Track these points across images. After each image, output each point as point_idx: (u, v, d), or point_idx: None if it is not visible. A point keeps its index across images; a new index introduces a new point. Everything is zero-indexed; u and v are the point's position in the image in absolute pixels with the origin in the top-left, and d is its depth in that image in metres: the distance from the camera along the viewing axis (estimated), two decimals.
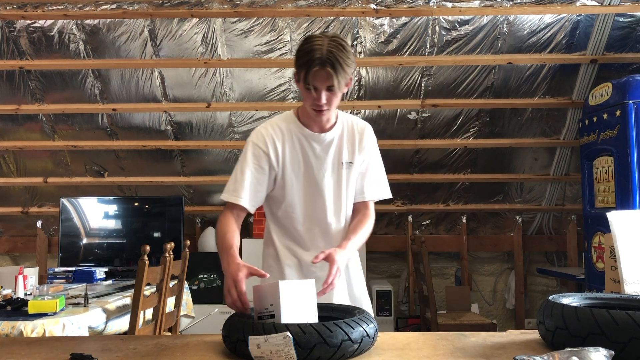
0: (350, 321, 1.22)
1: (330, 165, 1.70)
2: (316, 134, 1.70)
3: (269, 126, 1.72)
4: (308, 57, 1.53)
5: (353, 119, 1.78)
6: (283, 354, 1.12)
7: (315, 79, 1.54)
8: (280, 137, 1.69)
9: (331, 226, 1.71)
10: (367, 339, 1.23)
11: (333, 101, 1.60)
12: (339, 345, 1.17)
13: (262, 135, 1.69)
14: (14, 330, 2.15)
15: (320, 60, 1.51)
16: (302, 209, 1.70)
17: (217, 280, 4.16)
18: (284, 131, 1.70)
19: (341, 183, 1.71)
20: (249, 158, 1.67)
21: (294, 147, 1.69)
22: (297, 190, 1.69)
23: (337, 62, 1.52)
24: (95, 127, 4.26)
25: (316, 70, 1.52)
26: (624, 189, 3.31)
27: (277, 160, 1.68)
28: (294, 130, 1.70)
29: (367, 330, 1.24)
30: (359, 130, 1.75)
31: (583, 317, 1.18)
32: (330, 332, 1.17)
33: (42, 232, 4.67)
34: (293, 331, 1.14)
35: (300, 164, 1.69)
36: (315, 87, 1.56)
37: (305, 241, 1.71)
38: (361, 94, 4.07)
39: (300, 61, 1.56)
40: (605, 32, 3.70)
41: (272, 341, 1.12)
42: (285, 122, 1.72)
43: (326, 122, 1.69)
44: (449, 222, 4.65)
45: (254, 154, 1.67)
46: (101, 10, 3.67)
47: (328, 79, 1.53)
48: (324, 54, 1.51)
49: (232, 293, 1.38)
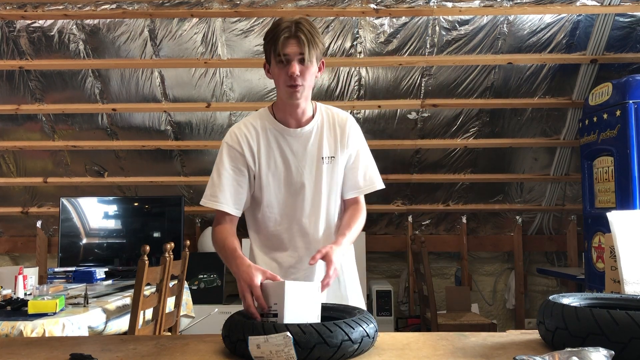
0: (350, 321, 1.22)
1: (309, 161, 1.64)
2: (292, 129, 1.64)
3: (242, 125, 1.67)
4: (276, 30, 1.52)
5: (333, 110, 1.71)
6: (283, 354, 1.12)
7: (285, 46, 1.51)
8: (255, 136, 1.64)
9: (309, 224, 1.65)
10: (367, 339, 1.23)
11: (306, 76, 1.54)
12: (339, 345, 1.17)
13: (235, 135, 1.65)
14: (14, 330, 2.15)
15: (289, 29, 1.51)
16: (280, 208, 1.65)
17: (217, 280, 4.16)
18: (258, 129, 1.65)
19: (321, 179, 1.64)
20: (225, 160, 1.63)
21: (270, 145, 1.63)
22: (274, 189, 1.64)
23: (307, 31, 1.51)
24: (95, 127, 4.26)
25: (286, 37, 1.50)
26: (624, 189, 3.31)
27: (253, 160, 1.63)
28: (268, 127, 1.65)
29: (367, 330, 1.23)
30: (341, 123, 1.68)
31: (583, 317, 1.18)
32: (330, 332, 1.17)
33: (42, 232, 4.67)
34: (293, 331, 1.14)
35: (277, 162, 1.63)
36: (286, 56, 1.51)
37: (284, 241, 1.66)
38: (361, 94, 4.07)
39: (268, 37, 1.55)
40: (605, 32, 3.70)
41: (272, 341, 1.12)
42: (260, 120, 1.66)
43: (302, 114, 1.63)
44: (449, 222, 4.65)
45: (229, 155, 1.64)
46: (101, 10, 3.67)
47: (299, 46, 1.50)
48: (292, 25, 1.51)
49: (247, 298, 1.34)
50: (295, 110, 1.62)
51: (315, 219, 1.65)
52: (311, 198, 1.65)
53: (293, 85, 1.54)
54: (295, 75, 1.52)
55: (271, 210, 1.65)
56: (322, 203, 1.66)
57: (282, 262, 1.67)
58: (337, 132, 1.67)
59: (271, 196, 1.64)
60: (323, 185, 1.65)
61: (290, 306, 1.26)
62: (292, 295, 1.27)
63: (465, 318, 3.94)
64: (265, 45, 1.58)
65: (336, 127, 1.67)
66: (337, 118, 1.69)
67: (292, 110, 1.62)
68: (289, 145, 1.64)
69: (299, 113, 1.62)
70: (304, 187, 1.64)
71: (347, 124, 1.68)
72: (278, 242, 1.67)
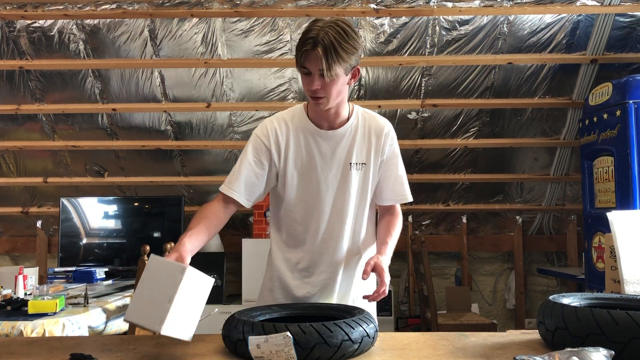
0: (350, 321, 1.22)
1: (335, 164, 1.61)
2: (323, 131, 1.61)
3: (274, 119, 1.65)
4: (303, 38, 1.46)
5: (372, 116, 1.66)
6: (283, 354, 1.12)
7: (306, 60, 1.46)
8: (285, 132, 1.62)
9: (331, 229, 1.62)
10: (367, 339, 1.23)
11: (331, 90, 1.49)
12: (339, 345, 1.17)
13: (266, 129, 1.62)
14: (14, 330, 2.15)
15: (313, 40, 1.43)
16: (302, 208, 1.63)
17: (217, 280, 4.16)
18: (289, 125, 1.62)
19: (347, 184, 1.61)
20: (249, 150, 1.61)
21: (299, 143, 1.61)
22: (298, 188, 1.62)
23: (330, 45, 1.42)
24: (95, 127, 4.26)
25: (307, 50, 1.44)
26: (624, 189, 3.31)
27: (278, 155, 1.61)
28: (300, 125, 1.62)
29: (367, 330, 1.23)
30: (377, 130, 1.64)
31: (583, 317, 1.18)
32: (330, 332, 1.17)
33: (42, 232, 4.67)
34: (293, 331, 1.14)
35: (303, 161, 1.61)
36: (307, 70, 1.48)
37: (304, 242, 1.64)
38: (361, 94, 4.07)
39: (298, 43, 1.49)
40: (605, 32, 3.70)
41: (272, 341, 1.12)
42: (293, 116, 1.64)
43: (334, 116, 1.60)
44: (449, 222, 4.65)
45: (255, 147, 1.62)
46: (101, 10, 3.67)
47: (318, 62, 1.44)
48: (319, 35, 1.43)
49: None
50: (326, 114, 1.59)
51: (339, 225, 1.62)
52: (334, 202, 1.62)
53: (315, 97, 1.51)
54: (316, 89, 1.49)
55: (293, 209, 1.64)
56: (348, 209, 1.62)
57: (299, 263, 1.65)
58: (372, 138, 1.63)
59: (294, 195, 1.63)
60: (350, 191, 1.62)
61: (183, 294, 1.21)
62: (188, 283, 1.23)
63: (465, 318, 3.94)
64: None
65: (372, 133, 1.64)
66: (374, 124, 1.65)
67: (322, 113, 1.59)
68: (317, 146, 1.61)
69: (330, 116, 1.60)
70: (327, 191, 1.62)
71: (384, 132, 1.65)
72: (297, 242, 1.66)
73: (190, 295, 1.23)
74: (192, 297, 1.24)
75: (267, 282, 1.72)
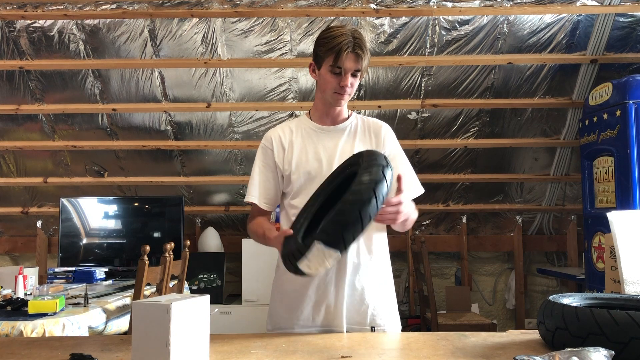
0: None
1: (339, 155, 1.67)
2: (326, 126, 1.73)
3: (278, 127, 1.78)
4: (338, 41, 1.60)
5: (369, 119, 1.80)
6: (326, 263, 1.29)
7: (346, 61, 1.60)
8: (288, 134, 1.73)
9: None
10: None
11: (355, 86, 1.67)
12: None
13: (270, 136, 1.75)
14: (14, 330, 2.15)
15: (351, 44, 1.60)
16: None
17: (217, 280, 4.16)
18: (292, 128, 1.75)
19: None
20: (258, 158, 1.75)
21: (302, 141, 1.72)
22: (304, 184, 1.66)
23: (364, 47, 1.63)
24: (95, 127, 4.26)
25: (347, 51, 1.59)
26: (624, 189, 3.31)
27: (282, 155, 1.70)
28: (303, 127, 1.75)
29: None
30: (375, 129, 1.76)
31: (583, 317, 1.18)
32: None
33: (42, 232, 4.67)
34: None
35: (308, 156, 1.69)
36: (344, 70, 1.61)
37: None
38: (361, 94, 4.07)
39: (328, 46, 1.62)
40: (605, 32, 3.70)
41: (312, 257, 1.29)
42: (297, 121, 1.78)
43: (338, 113, 1.73)
44: (449, 222, 4.65)
45: (262, 152, 1.75)
46: (101, 10, 3.67)
47: (357, 62, 1.62)
48: (354, 38, 1.61)
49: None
50: (333, 111, 1.72)
51: None
52: None
53: (341, 93, 1.66)
54: (348, 84, 1.64)
55: (298, 205, 1.64)
56: None
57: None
58: (372, 137, 1.75)
59: (300, 190, 1.67)
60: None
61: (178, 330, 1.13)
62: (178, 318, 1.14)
63: (465, 318, 3.94)
64: (319, 49, 1.66)
65: (371, 132, 1.76)
66: (372, 125, 1.78)
67: (329, 110, 1.72)
68: (321, 141, 1.72)
69: (335, 112, 1.73)
70: None
71: (382, 129, 1.76)
72: None
73: (187, 326, 1.16)
74: (191, 327, 1.17)
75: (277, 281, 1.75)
